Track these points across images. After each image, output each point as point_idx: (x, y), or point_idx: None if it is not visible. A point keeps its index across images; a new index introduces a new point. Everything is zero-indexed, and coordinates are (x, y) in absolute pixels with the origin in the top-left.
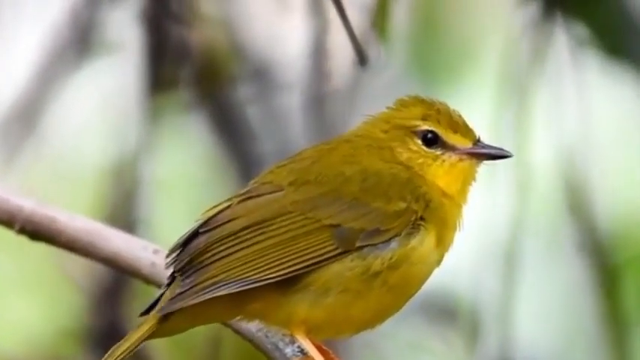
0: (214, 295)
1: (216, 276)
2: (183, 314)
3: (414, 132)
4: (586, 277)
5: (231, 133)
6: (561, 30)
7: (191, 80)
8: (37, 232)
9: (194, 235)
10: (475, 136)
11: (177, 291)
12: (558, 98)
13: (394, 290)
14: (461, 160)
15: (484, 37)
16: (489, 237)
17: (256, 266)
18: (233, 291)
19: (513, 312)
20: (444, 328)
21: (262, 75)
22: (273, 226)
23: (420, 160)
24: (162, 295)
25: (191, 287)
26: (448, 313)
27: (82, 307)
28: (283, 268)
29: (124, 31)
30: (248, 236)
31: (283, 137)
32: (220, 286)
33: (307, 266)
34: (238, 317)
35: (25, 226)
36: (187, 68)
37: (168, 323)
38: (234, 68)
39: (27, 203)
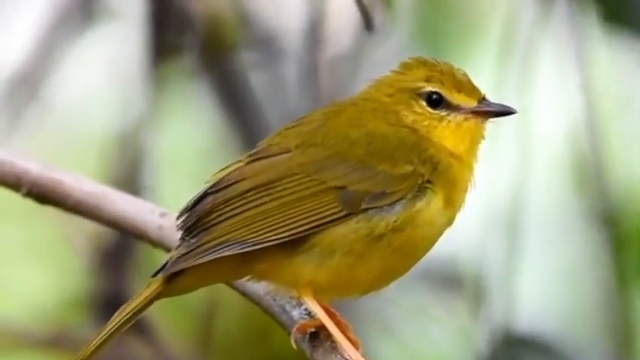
0: (218, 256)
1: (220, 236)
2: (190, 274)
3: (418, 94)
4: (590, 245)
5: (235, 101)
6: None
7: (195, 48)
8: (43, 195)
9: (203, 196)
10: (480, 94)
11: (182, 251)
12: (561, 66)
13: (399, 252)
14: (466, 119)
15: (488, 4)
16: (494, 205)
17: (261, 228)
18: (237, 252)
19: (517, 280)
20: (448, 295)
21: (266, 42)
22: (279, 188)
23: (426, 122)
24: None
25: (195, 248)
26: (452, 281)
27: (87, 275)
28: (287, 230)
29: None
30: (253, 197)
31: (287, 105)
32: (224, 247)
33: (311, 228)
34: (246, 278)
35: (32, 189)
36: (191, 36)
37: (175, 283)
38: (237, 36)
39: (33, 166)
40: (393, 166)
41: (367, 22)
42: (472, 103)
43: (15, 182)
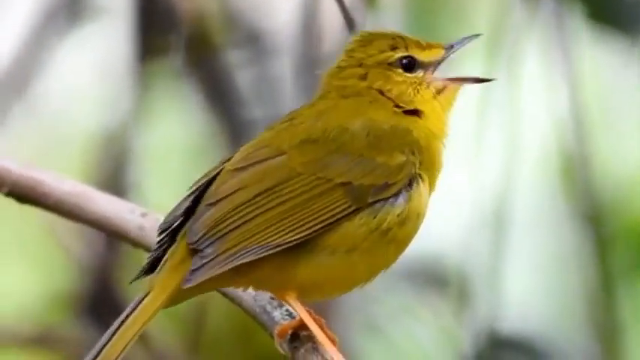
0: (241, 262)
1: (239, 243)
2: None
3: (390, 64)
4: (575, 244)
5: (222, 100)
6: None
7: (181, 46)
8: (24, 194)
9: (192, 206)
10: (442, 44)
11: (201, 262)
12: (547, 63)
13: (398, 245)
14: (445, 86)
15: (473, 5)
16: (479, 204)
17: (277, 230)
18: (259, 256)
19: (502, 280)
20: (433, 295)
21: (252, 41)
22: (287, 190)
23: (410, 90)
24: (152, 260)
25: (216, 256)
26: (437, 281)
27: (74, 273)
28: (304, 230)
29: None
30: (263, 202)
31: (274, 103)
32: (245, 253)
33: (326, 225)
34: (242, 287)
35: (13, 188)
36: (177, 35)
37: (178, 294)
38: (224, 34)
39: (14, 166)
40: (390, 157)
41: (348, 22)
42: (440, 53)
43: None
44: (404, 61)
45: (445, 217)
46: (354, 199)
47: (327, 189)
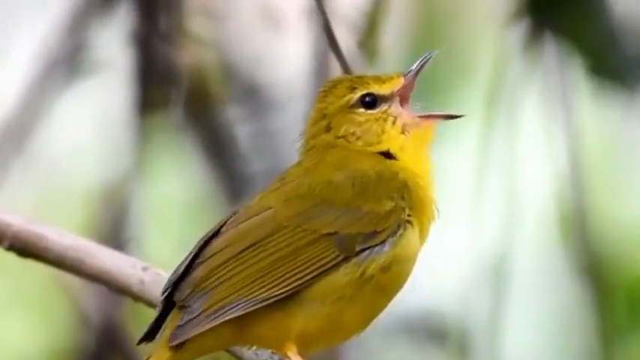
0: (226, 318)
1: (225, 298)
2: (191, 345)
3: (352, 106)
4: (575, 298)
5: (222, 154)
6: (549, 49)
7: (181, 101)
8: (25, 248)
9: (190, 265)
10: (399, 73)
11: (187, 317)
12: (547, 116)
13: (384, 291)
14: (414, 123)
15: (474, 56)
16: (478, 258)
17: (263, 284)
18: (244, 312)
19: (503, 334)
20: (433, 349)
21: (253, 95)
22: (272, 243)
23: (375, 127)
24: (156, 322)
25: (201, 313)
26: (437, 334)
27: (77, 326)
28: (290, 283)
29: (114, 50)
30: (248, 257)
31: (274, 157)
32: (231, 308)
33: (314, 277)
34: (246, 346)
35: (14, 242)
36: (177, 89)
37: (179, 354)
38: (224, 89)
39: (15, 220)
40: (378, 205)
41: (346, 72)
42: (400, 82)
43: None
44: (366, 99)
45: (444, 271)
46: (342, 249)
47: (313, 239)
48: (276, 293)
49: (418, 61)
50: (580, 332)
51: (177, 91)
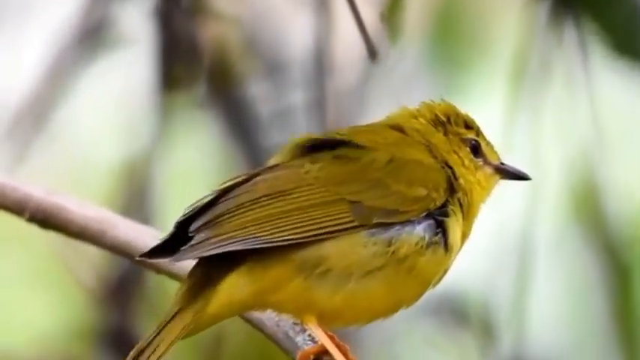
0: (226, 250)
1: (230, 232)
2: (211, 308)
3: (463, 140)
4: (598, 276)
5: (243, 130)
6: (571, 29)
7: (202, 77)
8: (46, 220)
9: (212, 203)
10: (499, 155)
11: (191, 243)
12: (570, 97)
13: (419, 276)
14: (492, 174)
15: (497, 35)
16: (502, 238)
17: (271, 228)
18: (245, 248)
19: (526, 313)
20: (458, 329)
21: (274, 71)
22: (294, 195)
23: (466, 165)
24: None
25: (204, 240)
26: (462, 315)
27: (93, 304)
28: (297, 232)
29: (136, 26)
30: (266, 202)
31: (293, 131)
32: (236, 241)
33: (321, 234)
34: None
35: (35, 214)
36: (199, 65)
37: (203, 315)
38: (245, 65)
39: (36, 191)
40: (408, 188)
41: (371, 52)
42: (497, 160)
43: (18, 207)
44: (475, 144)
45: (468, 251)
46: (359, 217)
47: (333, 200)
48: (279, 238)
49: (519, 171)
50: (603, 310)
51: (199, 67)
